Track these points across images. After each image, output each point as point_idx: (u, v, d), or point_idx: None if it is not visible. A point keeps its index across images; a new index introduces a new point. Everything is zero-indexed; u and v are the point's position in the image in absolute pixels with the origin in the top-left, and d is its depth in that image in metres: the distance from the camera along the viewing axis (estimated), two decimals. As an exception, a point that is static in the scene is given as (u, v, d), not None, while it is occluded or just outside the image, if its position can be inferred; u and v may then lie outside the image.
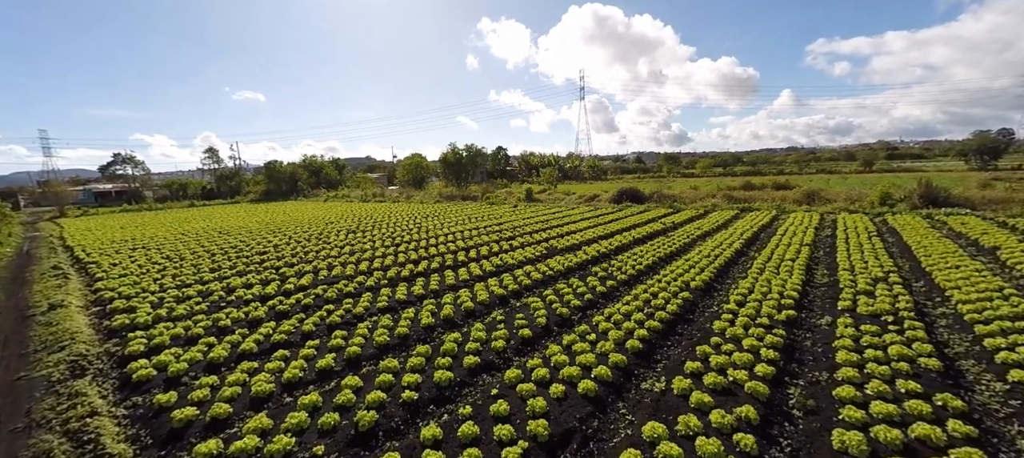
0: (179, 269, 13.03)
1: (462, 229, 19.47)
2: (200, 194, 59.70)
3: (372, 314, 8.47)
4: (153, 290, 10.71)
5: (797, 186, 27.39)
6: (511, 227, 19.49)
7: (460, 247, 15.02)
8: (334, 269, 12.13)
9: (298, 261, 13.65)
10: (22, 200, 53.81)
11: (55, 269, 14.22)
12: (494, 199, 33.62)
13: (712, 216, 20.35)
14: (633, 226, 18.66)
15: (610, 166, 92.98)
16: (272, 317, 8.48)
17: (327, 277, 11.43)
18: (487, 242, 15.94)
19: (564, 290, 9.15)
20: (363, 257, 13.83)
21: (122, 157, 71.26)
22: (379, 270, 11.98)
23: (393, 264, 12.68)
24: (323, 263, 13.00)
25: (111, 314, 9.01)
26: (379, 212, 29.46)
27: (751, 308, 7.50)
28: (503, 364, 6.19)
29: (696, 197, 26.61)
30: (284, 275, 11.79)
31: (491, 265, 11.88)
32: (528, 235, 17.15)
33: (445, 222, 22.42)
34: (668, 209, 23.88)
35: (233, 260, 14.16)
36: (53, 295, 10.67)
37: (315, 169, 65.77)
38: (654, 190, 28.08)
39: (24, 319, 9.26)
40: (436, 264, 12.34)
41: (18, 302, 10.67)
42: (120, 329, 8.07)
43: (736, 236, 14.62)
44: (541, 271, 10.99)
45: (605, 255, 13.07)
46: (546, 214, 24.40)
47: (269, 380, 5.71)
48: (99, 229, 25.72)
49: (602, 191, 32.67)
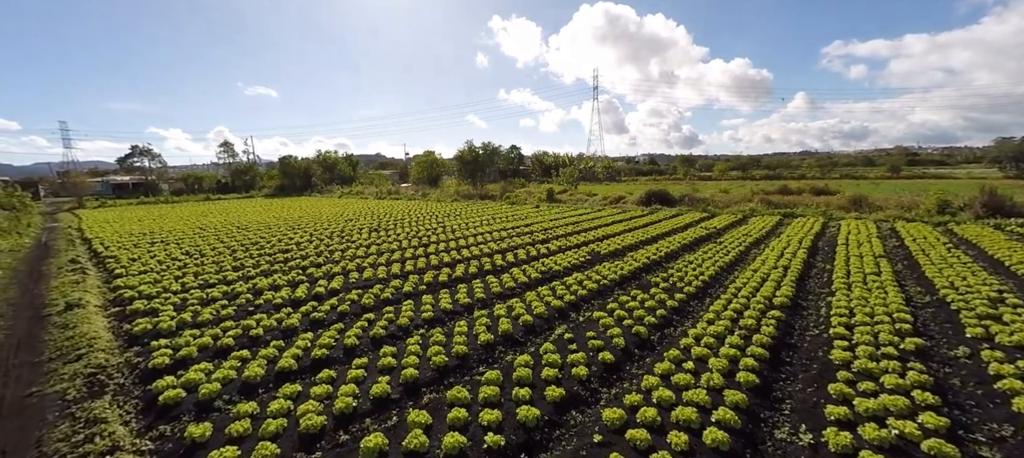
0: (201, 267, 12.30)
1: (489, 229, 18.55)
2: (215, 188, 59.75)
3: (418, 326, 7.55)
4: (175, 290, 9.95)
5: (839, 191, 25.95)
6: (541, 229, 18.51)
7: (494, 250, 14.08)
8: (365, 271, 11.27)
9: (325, 261, 12.83)
10: (42, 190, 54.31)
11: (73, 263, 13.61)
12: (514, 199, 32.66)
13: (754, 222, 19.12)
14: (673, 231, 17.55)
15: (623, 167, 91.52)
16: (307, 326, 7.61)
17: (359, 280, 10.56)
18: (522, 245, 14.98)
19: (630, 303, 8.14)
20: (393, 258, 12.98)
21: (139, 149, 71.90)
22: (414, 274, 11.08)
23: (427, 267, 11.79)
24: (351, 264, 12.16)
25: (132, 317, 8.23)
26: (397, 210, 28.71)
27: (864, 333, 6.41)
28: (590, 397, 5.21)
29: (729, 201, 25.32)
30: (312, 276, 10.96)
31: (535, 271, 10.91)
32: (563, 238, 16.14)
33: (469, 221, 21.53)
34: (702, 213, 22.68)
35: (256, 258, 13.40)
36: (70, 292, 9.97)
37: (329, 165, 65.49)
38: (684, 193, 26.86)
39: (39, 319, 8.54)
40: (474, 268, 11.41)
41: (33, 299, 9.99)
42: (142, 335, 7.27)
43: (794, 244, 13.45)
44: (593, 279, 10.00)
45: (656, 263, 12.02)
46: (573, 215, 23.37)
47: (318, 409, 4.81)
48: (117, 221, 25.34)
49: (626, 193, 31.50)
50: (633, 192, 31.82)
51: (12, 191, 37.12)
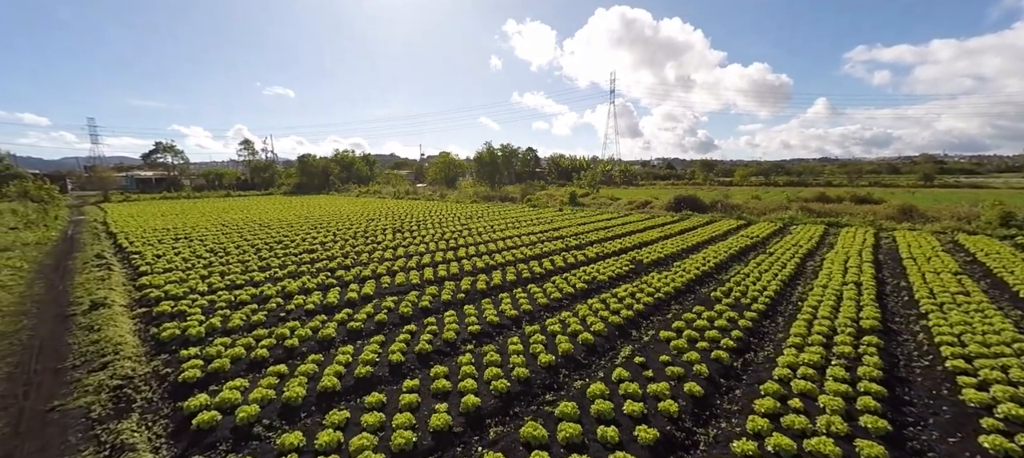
0: (226, 266, 11.87)
1: (517, 233, 17.84)
2: (235, 184, 60.47)
3: (466, 340, 6.87)
4: (202, 290, 9.48)
5: (883, 200, 24.51)
6: (571, 233, 17.73)
7: (528, 255, 13.35)
8: (396, 276, 10.66)
9: (353, 263, 12.29)
10: (70, 184, 55.65)
11: (98, 258, 13.36)
12: (535, 201, 31.92)
13: (798, 231, 17.98)
14: (712, 238, 16.59)
15: (640, 171, 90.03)
16: (345, 337, 7.00)
17: (392, 286, 9.95)
18: (556, 250, 14.22)
19: (698, 322, 7.32)
20: (423, 262, 12.36)
21: (163, 146, 73.21)
22: (450, 280, 10.44)
23: (461, 273, 11.13)
24: (381, 267, 11.58)
25: (158, 319, 7.74)
26: (417, 210, 28.23)
27: (989, 369, 5.48)
28: (687, 439, 4.44)
29: (764, 208, 24.12)
30: (342, 280, 10.39)
31: (578, 281, 10.15)
32: (598, 244, 15.33)
33: (493, 224, 20.86)
34: (737, 220, 21.57)
35: (281, 258, 12.94)
36: (95, 290, 9.59)
37: (346, 164, 65.78)
38: (715, 199, 25.74)
39: (64, 319, 8.12)
40: (511, 276, 10.69)
41: (58, 296, 9.64)
42: (170, 342, 6.74)
43: (854, 257, 12.40)
44: (645, 292, 9.19)
45: (707, 274, 11.14)
46: (600, 220, 22.50)
47: (373, 444, 4.14)
48: (141, 216, 25.41)
49: (651, 197, 30.47)
50: (658, 197, 30.78)
51: (41, 184, 37.89)
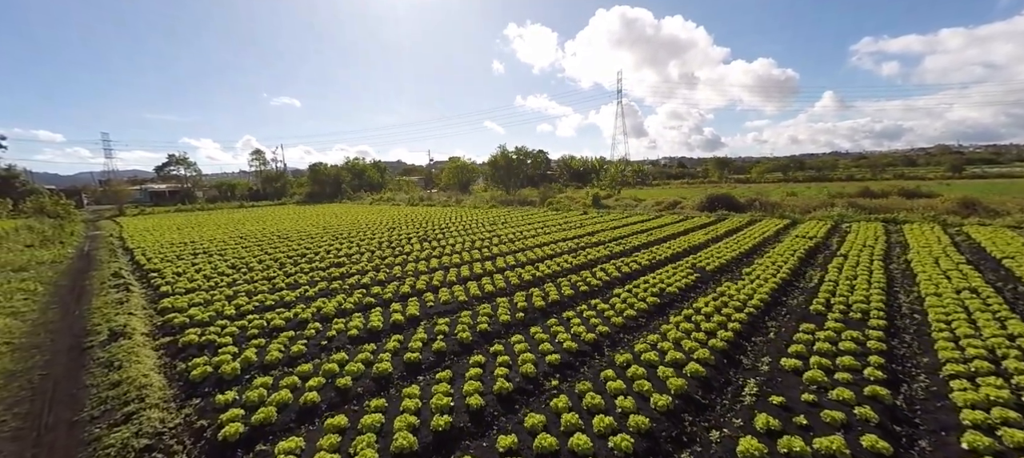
0: (252, 284, 10.94)
1: (551, 239, 16.73)
2: (248, 195, 60.31)
3: (549, 374, 5.76)
4: (229, 313, 8.53)
5: (934, 194, 22.95)
6: (609, 237, 16.57)
7: (574, 264, 12.22)
8: (440, 291, 9.63)
9: (387, 278, 11.29)
10: (85, 198, 55.90)
11: (116, 277, 12.55)
12: (557, 205, 30.81)
13: (858, 230, 16.52)
14: (766, 241, 15.30)
15: (652, 171, 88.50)
16: (403, 372, 5.94)
17: (438, 304, 8.90)
18: (601, 258, 13.06)
19: (819, 344, 6.14)
20: (462, 274, 11.31)
21: (176, 158, 73.61)
22: (500, 295, 9.37)
23: (509, 287, 10.03)
24: (419, 281, 10.55)
25: (185, 352, 6.78)
26: (437, 217, 27.28)
27: None
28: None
29: (804, 205, 22.70)
30: (381, 298, 9.37)
31: (646, 292, 9.01)
32: (646, 249, 14.14)
33: (521, 230, 19.79)
34: (780, 219, 20.20)
35: (308, 273, 12.00)
36: (114, 316, 8.69)
37: (358, 172, 65.35)
38: (751, 197, 24.40)
39: (80, 352, 7.21)
40: (567, 289, 9.55)
41: (74, 323, 8.76)
42: (202, 382, 5.75)
43: (945, 260, 11.06)
44: (730, 304, 8.02)
45: (787, 282, 9.90)
46: (631, 222, 21.29)
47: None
48: (156, 229, 24.82)
49: (679, 197, 29.19)
50: (686, 197, 29.48)
51: (57, 199, 37.77)
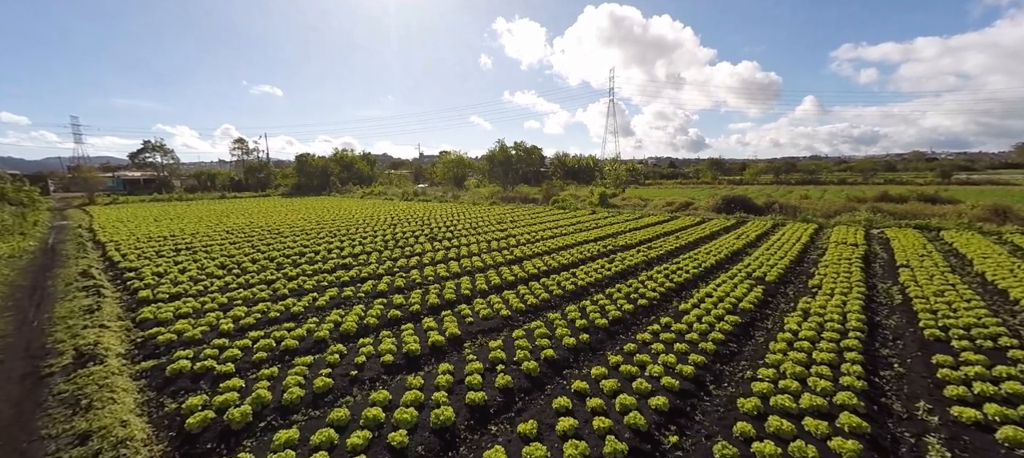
0: (248, 289, 9.44)
1: (571, 240, 15.57)
2: (229, 185, 57.30)
3: (662, 423, 4.59)
4: (227, 329, 7.07)
5: (955, 200, 22.64)
6: (636, 240, 15.50)
7: (612, 270, 11.04)
8: (475, 303, 8.35)
9: (406, 284, 9.92)
10: (52, 185, 52.08)
11: (84, 277, 10.82)
12: (562, 203, 29.69)
13: (898, 237, 15.57)
14: (805, 248, 14.38)
15: (646, 171, 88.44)
16: (470, 418, 4.67)
17: (478, 319, 7.59)
18: (639, 263, 11.96)
19: (974, 383, 5.14)
20: (492, 281, 10.02)
21: (152, 145, 69.59)
22: (548, 309, 8.15)
23: (552, 298, 8.80)
24: (446, 289, 9.24)
25: (176, 385, 5.35)
26: (437, 213, 25.80)
27: None
28: None
29: (825, 209, 22.05)
30: (408, 310, 8.03)
31: (720, 309, 7.92)
32: (684, 255, 13.09)
33: (534, 230, 18.57)
34: (806, 224, 19.46)
35: (313, 277, 10.56)
36: (81, 329, 7.13)
37: (347, 164, 62.95)
38: (770, 200, 23.73)
39: (36, 382, 5.68)
40: (623, 302, 8.39)
41: (30, 339, 7.15)
42: (202, 434, 4.38)
43: (1007, 267, 10.34)
44: (830, 327, 7.01)
45: (869, 299, 8.95)
46: (650, 224, 20.30)
47: None
48: (131, 220, 22.67)
49: (688, 198, 28.42)
50: (695, 198, 28.75)
51: (20, 185, 34.70)
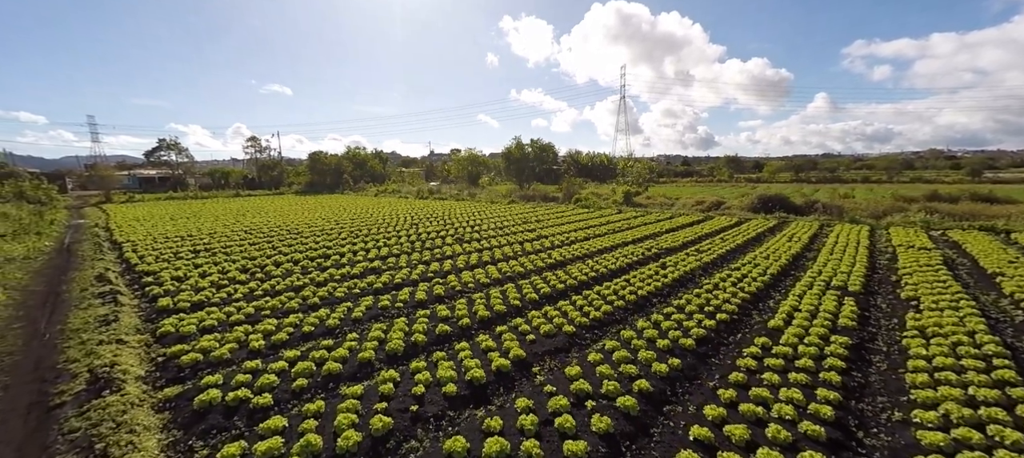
0: (275, 296, 8.62)
1: (609, 242, 14.53)
2: (242, 183, 57.24)
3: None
4: (258, 347, 6.24)
5: (1012, 199, 21.08)
6: (679, 242, 14.40)
7: (669, 278, 9.98)
8: (530, 315, 7.39)
9: (446, 293, 9.01)
10: (70, 183, 52.47)
11: (101, 282, 10.12)
12: (586, 201, 28.61)
13: (972, 240, 14.20)
14: (872, 252, 13.13)
15: (660, 169, 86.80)
16: (567, 476, 3.73)
17: (542, 337, 6.64)
18: (695, 268, 10.91)
19: None
20: (540, 289, 9.05)
21: (166, 143, 69.95)
22: (616, 323, 7.16)
23: (615, 311, 7.81)
24: (492, 298, 8.31)
25: (207, 421, 4.49)
26: (457, 212, 24.90)
27: None
28: None
29: (869, 209, 20.69)
30: (457, 324, 7.12)
31: (819, 326, 6.87)
32: (740, 258, 11.99)
33: (565, 231, 17.58)
34: (853, 224, 18.20)
35: (342, 283, 9.72)
36: (97, 347, 6.35)
37: (359, 161, 62.52)
38: (809, 199, 22.42)
39: (44, 414, 4.88)
40: (704, 318, 7.38)
41: (41, 356, 6.38)
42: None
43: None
44: (967, 354, 5.93)
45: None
46: (685, 224, 19.14)
47: None
48: (147, 219, 22.20)
49: (717, 197, 27.15)
50: (724, 196, 27.46)
51: (38, 183, 34.73)
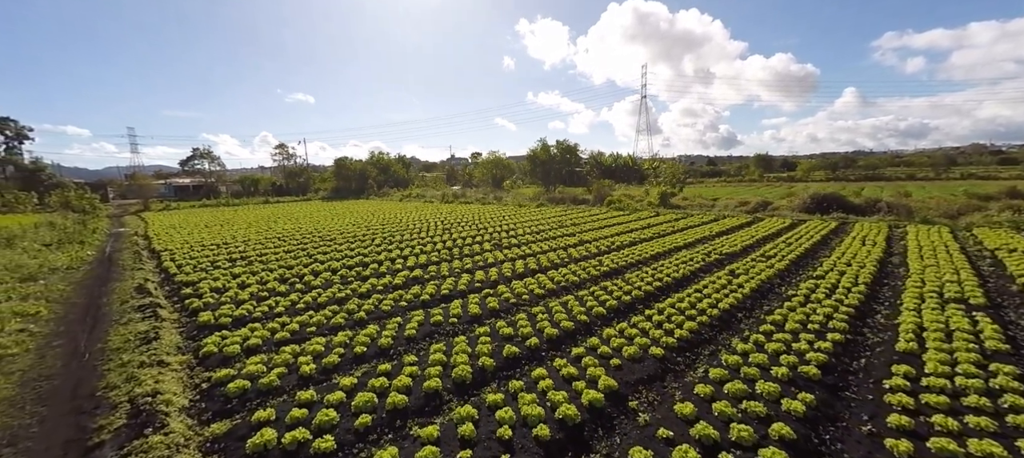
0: (319, 311, 7.99)
1: (660, 247, 13.41)
2: (271, 190, 58.54)
3: None
4: (310, 373, 5.56)
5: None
6: (739, 246, 13.16)
7: (748, 288, 8.89)
8: (606, 335, 6.46)
9: (502, 307, 8.18)
10: (111, 192, 54.77)
11: (140, 294, 9.79)
12: (620, 203, 27.43)
13: None
14: (972, 258, 11.62)
15: (686, 169, 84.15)
16: None
17: (627, 361, 5.71)
18: (769, 276, 9.74)
19: None
20: (603, 300, 8.10)
21: (200, 152, 72.60)
22: (703, 344, 6.16)
23: (696, 326, 6.81)
24: (555, 312, 7.42)
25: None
26: (487, 216, 24.19)
27: None
28: None
29: (944, 209, 18.77)
30: (524, 343, 6.27)
31: (950, 347, 5.69)
32: (814, 267, 10.72)
33: (605, 234, 16.55)
34: (925, 225, 16.47)
35: (386, 295, 9.05)
36: (137, 369, 5.80)
37: (383, 166, 63.00)
38: (872, 198, 20.64)
39: (83, 455, 4.28)
40: (814, 340, 6.30)
41: (79, 380, 5.87)
42: None
43: None
44: None
45: None
46: (734, 226, 17.78)
47: None
48: (183, 227, 22.42)
49: (760, 197, 25.47)
50: (767, 196, 25.75)
51: (82, 193, 36.12)
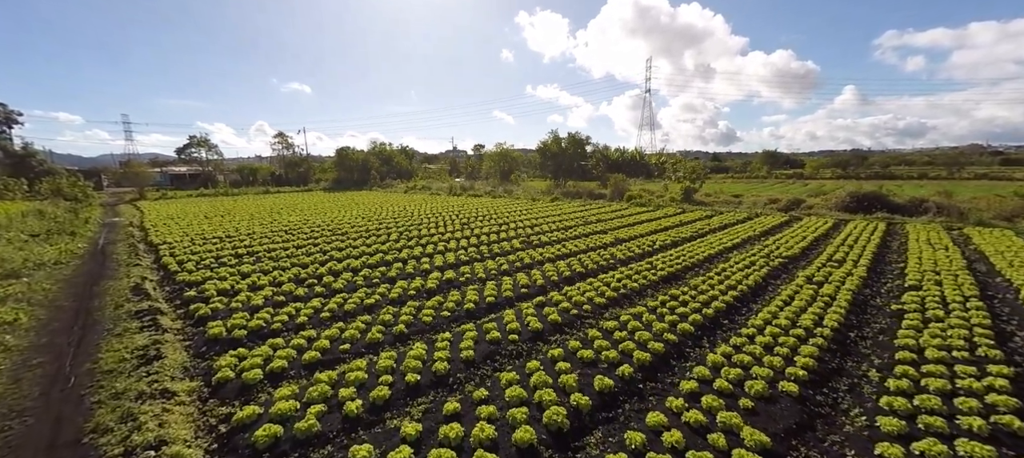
0: (348, 322, 6.76)
1: (707, 246, 12.23)
2: (270, 180, 57.00)
3: None
4: (357, 413, 4.34)
5: None
6: (796, 248, 11.99)
7: (842, 298, 7.72)
8: (688, 364, 5.27)
9: (566, 320, 6.98)
10: (105, 180, 53.06)
11: (138, 295, 8.53)
12: (640, 199, 26.22)
13: None
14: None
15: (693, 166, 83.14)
16: None
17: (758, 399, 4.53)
18: (861, 285, 8.57)
19: None
20: (679, 310, 6.90)
21: (197, 140, 70.62)
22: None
23: (821, 346, 5.63)
24: (636, 334, 6.22)
25: None
26: (501, 210, 22.91)
27: None
28: None
29: (996, 209, 17.70)
30: (629, 383, 5.07)
31: None
32: (892, 274, 9.56)
33: (636, 231, 15.37)
34: (983, 229, 15.35)
35: (416, 298, 7.82)
36: (136, 403, 4.58)
37: (386, 157, 61.51)
38: (917, 198, 19.51)
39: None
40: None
41: (61, 417, 4.61)
42: None
43: None
44: None
45: None
46: (774, 225, 16.59)
47: None
48: (182, 217, 21.03)
49: (792, 195, 24.30)
50: (798, 194, 24.58)
51: (74, 180, 34.55)
